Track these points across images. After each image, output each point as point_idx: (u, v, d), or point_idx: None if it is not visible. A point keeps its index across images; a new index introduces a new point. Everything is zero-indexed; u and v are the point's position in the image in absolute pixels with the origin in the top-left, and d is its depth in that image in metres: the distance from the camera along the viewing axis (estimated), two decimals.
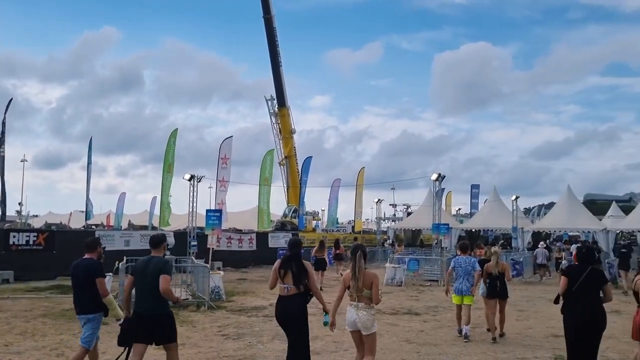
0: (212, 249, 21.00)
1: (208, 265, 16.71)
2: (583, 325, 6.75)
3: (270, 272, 6.92)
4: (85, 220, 43.64)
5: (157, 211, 37.57)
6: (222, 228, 25.04)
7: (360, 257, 6.45)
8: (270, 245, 31.50)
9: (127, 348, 6.31)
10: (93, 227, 43.57)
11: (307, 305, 6.69)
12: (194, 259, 18.68)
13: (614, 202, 57.72)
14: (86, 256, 6.87)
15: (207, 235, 21.45)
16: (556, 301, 7.22)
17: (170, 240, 20.99)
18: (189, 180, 23.14)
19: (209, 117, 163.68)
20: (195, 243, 21.99)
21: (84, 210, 44.14)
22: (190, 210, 23.38)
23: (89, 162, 39.29)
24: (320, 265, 19.22)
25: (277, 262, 6.84)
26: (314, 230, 45.25)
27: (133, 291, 6.52)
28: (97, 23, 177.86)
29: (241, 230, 34.18)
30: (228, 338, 10.27)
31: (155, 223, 39.50)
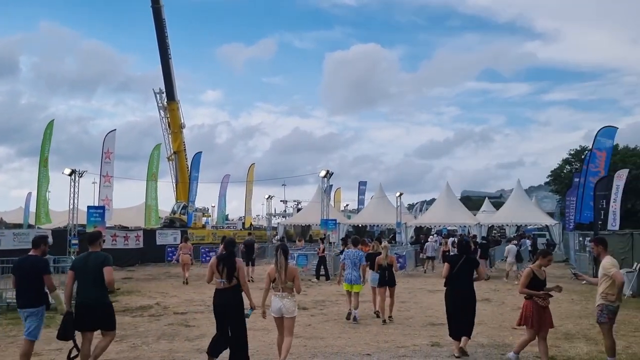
0: None
1: None
2: (459, 299, 8.78)
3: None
4: None
5: (33, 208, 35.07)
6: (107, 225, 24.01)
7: (281, 254, 7.61)
8: (158, 243, 30.59)
9: (74, 340, 6.92)
10: None
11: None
12: (73, 257, 17.72)
13: (486, 198, 62.40)
14: (31, 253, 7.27)
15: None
16: (445, 284, 9.00)
17: (50, 239, 19.73)
18: (70, 175, 21.94)
19: (94, 109, 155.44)
20: (77, 241, 20.88)
21: None
22: (71, 207, 22.15)
23: None
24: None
25: (214, 259, 7.69)
26: (203, 227, 44.43)
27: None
28: None
29: (127, 227, 32.85)
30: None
31: (32, 220, 36.80)
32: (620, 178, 24.08)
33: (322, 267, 21.73)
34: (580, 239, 25.61)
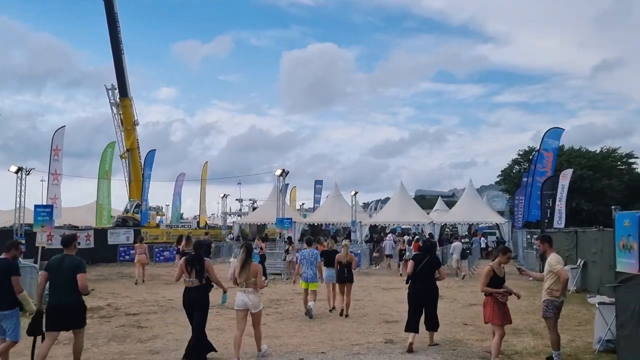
0: (43, 247, 19.45)
1: (37, 265, 15.43)
2: (422, 295, 9.26)
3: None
4: None
5: None
6: (56, 225, 23.31)
7: (245, 251, 8.26)
8: (109, 242, 29.92)
9: (37, 336, 7.21)
10: None
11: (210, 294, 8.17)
12: (21, 259, 17.11)
13: (439, 197, 63.61)
14: (2, 256, 7.48)
15: (36, 232, 19.86)
16: (407, 281, 9.54)
17: None
18: (16, 172, 21.23)
19: (43, 105, 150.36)
20: (23, 241, 20.18)
21: None
22: (17, 205, 21.44)
23: None
24: None
25: (183, 260, 8.31)
26: (157, 225, 43.71)
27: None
28: None
29: (77, 227, 31.94)
30: (58, 343, 9.57)
31: None
32: (566, 178, 24.95)
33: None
34: (528, 236, 26.48)
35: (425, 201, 75.75)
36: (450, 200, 73.02)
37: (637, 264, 6.43)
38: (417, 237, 27.92)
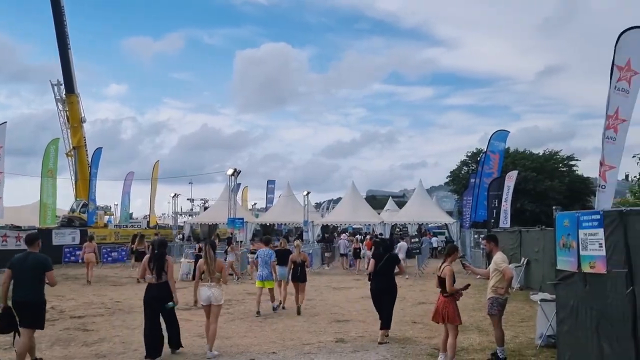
0: None
1: None
2: (383, 291, 9.83)
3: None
4: None
5: None
6: None
7: (209, 249, 8.79)
8: (54, 243, 28.87)
9: (17, 331, 7.37)
10: None
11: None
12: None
13: (390, 197, 64.47)
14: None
15: None
16: (369, 278, 10.14)
17: None
18: None
19: None
20: None
21: None
22: None
23: None
24: (141, 257, 20.05)
25: (146, 258, 8.63)
26: (105, 226, 42.58)
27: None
28: None
29: (20, 227, 30.74)
30: None
31: None
32: (511, 179, 25.74)
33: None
34: (475, 236, 27.19)
35: (376, 201, 76.57)
36: (401, 200, 74.05)
37: (576, 262, 6.71)
38: (368, 235, 28.28)
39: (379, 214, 43.17)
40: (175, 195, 44.43)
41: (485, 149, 32.35)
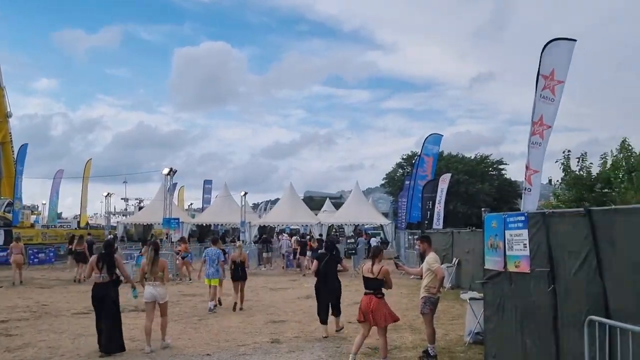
0: None
1: None
2: (327, 290, 10.35)
3: None
4: None
5: None
6: None
7: (152, 250, 9.18)
8: None
9: None
10: None
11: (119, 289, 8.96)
12: None
13: (327, 198, 64.93)
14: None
15: None
16: (316, 275, 10.58)
17: None
18: None
19: None
20: None
21: None
22: None
23: None
24: (80, 258, 21.03)
25: (94, 257, 9.03)
26: (32, 226, 40.69)
27: None
28: None
29: None
30: None
31: None
32: (444, 182, 26.53)
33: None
34: (410, 237, 27.81)
35: (313, 202, 76.92)
36: (338, 201, 74.68)
37: (502, 262, 7.02)
38: (309, 237, 28.46)
39: (316, 214, 43.40)
40: (109, 195, 42.89)
41: (419, 152, 33.12)
